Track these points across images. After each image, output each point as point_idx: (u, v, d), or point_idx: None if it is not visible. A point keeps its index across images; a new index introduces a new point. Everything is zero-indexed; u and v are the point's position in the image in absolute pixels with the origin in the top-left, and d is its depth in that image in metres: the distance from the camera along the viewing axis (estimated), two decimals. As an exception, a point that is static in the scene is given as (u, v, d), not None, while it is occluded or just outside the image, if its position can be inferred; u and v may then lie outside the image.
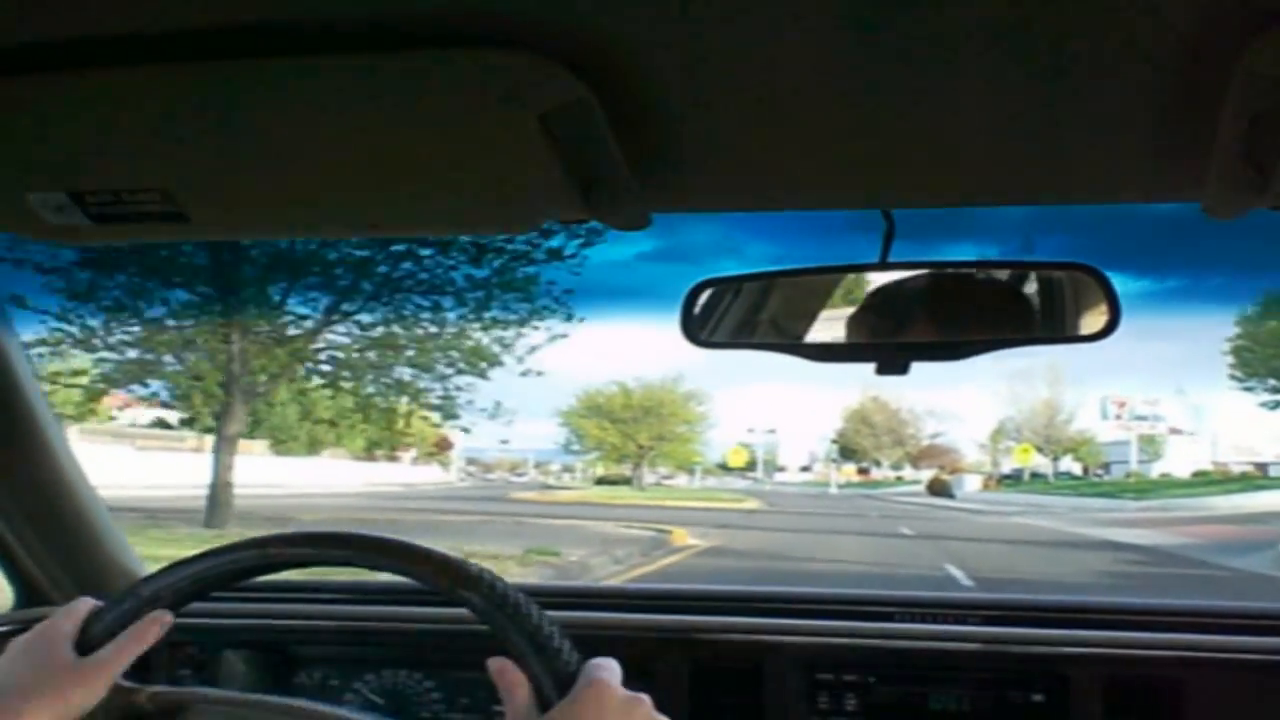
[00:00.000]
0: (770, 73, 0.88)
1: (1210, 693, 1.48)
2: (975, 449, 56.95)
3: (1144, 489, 34.88)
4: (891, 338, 1.26)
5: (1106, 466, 47.64)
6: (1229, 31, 0.77)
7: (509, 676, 0.98)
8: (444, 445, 63.95)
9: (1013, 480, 47.88)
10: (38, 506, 1.67)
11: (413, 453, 60.93)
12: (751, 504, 33.33)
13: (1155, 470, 42.67)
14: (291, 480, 29.40)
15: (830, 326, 1.25)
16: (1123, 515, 27.74)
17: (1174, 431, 45.00)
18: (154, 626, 1.07)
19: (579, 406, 50.60)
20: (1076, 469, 50.28)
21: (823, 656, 1.56)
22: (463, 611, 1.03)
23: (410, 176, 1.00)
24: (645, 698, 0.97)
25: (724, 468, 56.21)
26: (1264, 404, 32.98)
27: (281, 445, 42.51)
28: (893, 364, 1.21)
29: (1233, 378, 33.28)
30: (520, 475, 58.96)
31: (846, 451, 63.40)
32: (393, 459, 56.02)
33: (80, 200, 1.03)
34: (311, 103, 0.89)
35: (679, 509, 26.48)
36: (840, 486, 55.91)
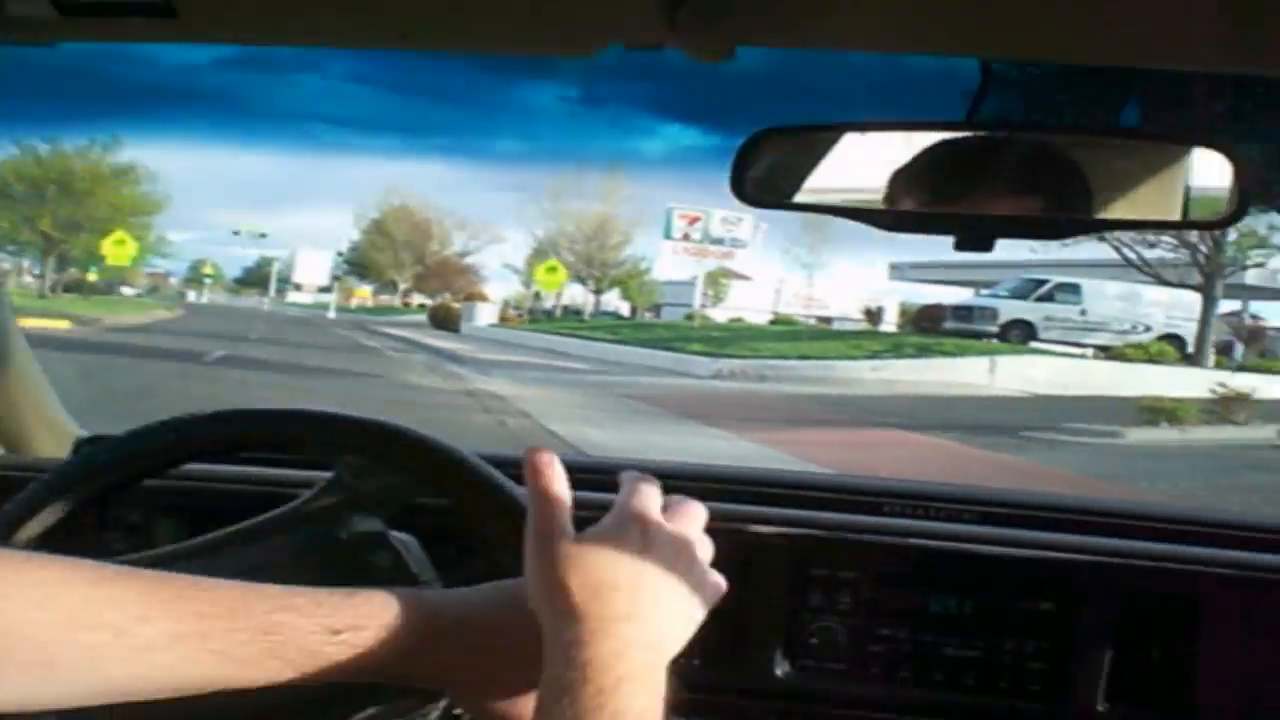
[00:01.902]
0: None
1: (1228, 610, 1.47)
2: (510, 275, 49.63)
3: (719, 338, 24.48)
4: (976, 208, 1.19)
5: (658, 309, 40.42)
6: None
7: (549, 481, 0.84)
8: None
9: (544, 316, 39.87)
10: None
11: None
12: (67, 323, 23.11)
13: (718, 317, 34.68)
14: None
15: (905, 190, 1.19)
16: (698, 388, 16.84)
17: (737, 276, 38.50)
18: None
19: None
20: (625, 310, 42.95)
21: (816, 551, 1.53)
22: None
23: None
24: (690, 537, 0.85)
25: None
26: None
27: None
28: (975, 238, 1.18)
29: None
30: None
31: (360, 269, 57.76)
32: None
33: None
34: None
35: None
36: (348, 310, 49.75)
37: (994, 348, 20.90)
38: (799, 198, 1.21)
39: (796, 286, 39.23)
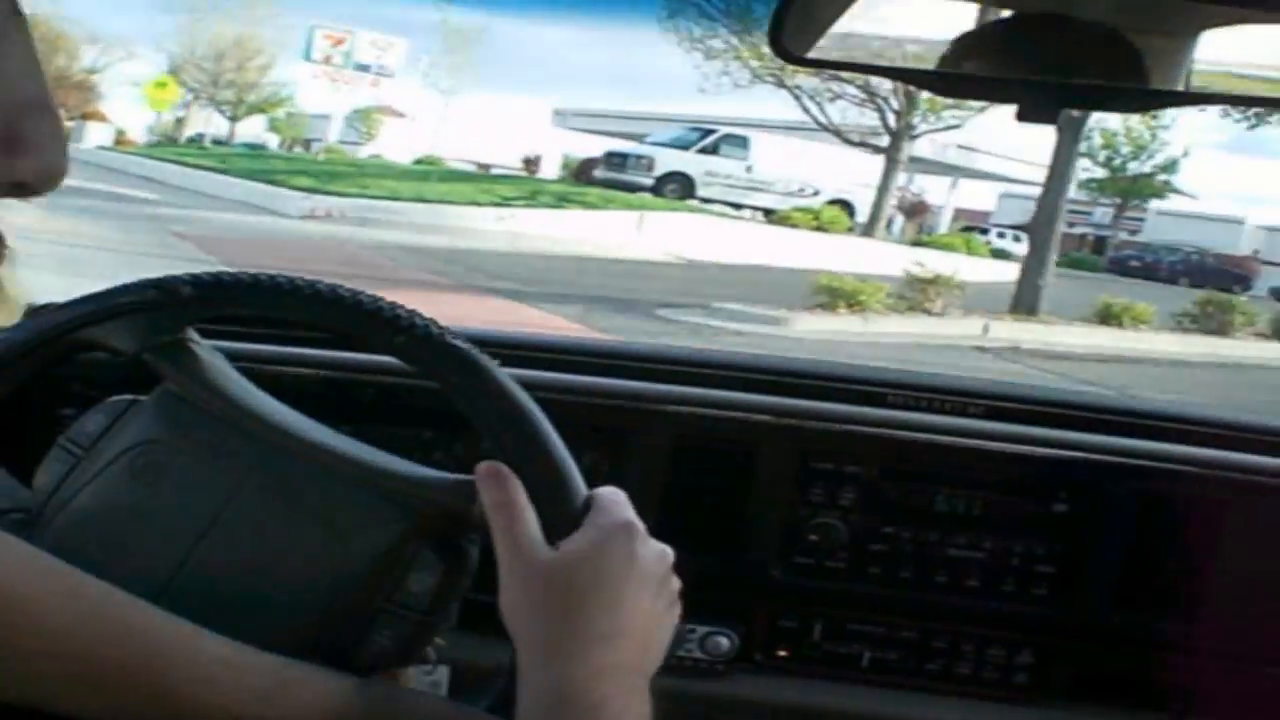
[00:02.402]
0: None
1: (1251, 518, 1.41)
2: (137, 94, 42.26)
3: (337, 173, 21.92)
4: (1050, 75, 1.08)
5: (307, 144, 37.28)
6: None
7: (507, 494, 0.77)
8: None
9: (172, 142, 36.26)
10: None
11: None
12: None
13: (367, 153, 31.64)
14: None
15: (967, 51, 1.08)
16: (276, 230, 13.98)
17: (393, 113, 35.79)
18: None
19: None
20: (274, 143, 39.19)
21: (819, 443, 1.45)
22: (393, 361, 0.88)
23: None
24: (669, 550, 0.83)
25: None
26: None
27: None
28: (1041, 108, 1.06)
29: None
30: None
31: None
32: None
33: None
34: None
35: None
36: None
37: (645, 202, 19.00)
38: (847, 56, 1.11)
39: (456, 128, 36.21)
